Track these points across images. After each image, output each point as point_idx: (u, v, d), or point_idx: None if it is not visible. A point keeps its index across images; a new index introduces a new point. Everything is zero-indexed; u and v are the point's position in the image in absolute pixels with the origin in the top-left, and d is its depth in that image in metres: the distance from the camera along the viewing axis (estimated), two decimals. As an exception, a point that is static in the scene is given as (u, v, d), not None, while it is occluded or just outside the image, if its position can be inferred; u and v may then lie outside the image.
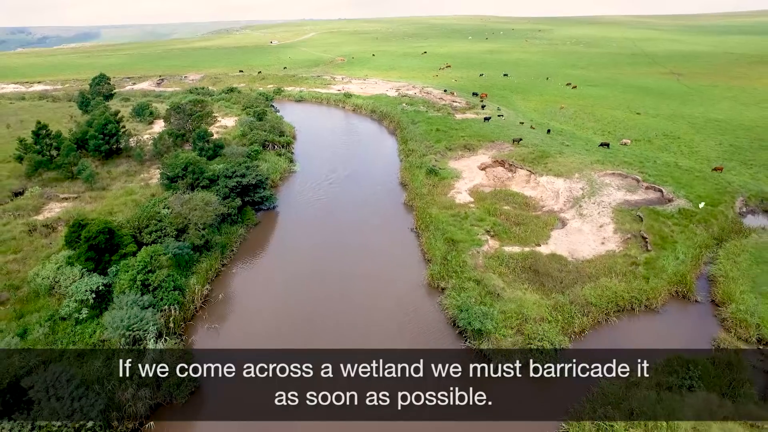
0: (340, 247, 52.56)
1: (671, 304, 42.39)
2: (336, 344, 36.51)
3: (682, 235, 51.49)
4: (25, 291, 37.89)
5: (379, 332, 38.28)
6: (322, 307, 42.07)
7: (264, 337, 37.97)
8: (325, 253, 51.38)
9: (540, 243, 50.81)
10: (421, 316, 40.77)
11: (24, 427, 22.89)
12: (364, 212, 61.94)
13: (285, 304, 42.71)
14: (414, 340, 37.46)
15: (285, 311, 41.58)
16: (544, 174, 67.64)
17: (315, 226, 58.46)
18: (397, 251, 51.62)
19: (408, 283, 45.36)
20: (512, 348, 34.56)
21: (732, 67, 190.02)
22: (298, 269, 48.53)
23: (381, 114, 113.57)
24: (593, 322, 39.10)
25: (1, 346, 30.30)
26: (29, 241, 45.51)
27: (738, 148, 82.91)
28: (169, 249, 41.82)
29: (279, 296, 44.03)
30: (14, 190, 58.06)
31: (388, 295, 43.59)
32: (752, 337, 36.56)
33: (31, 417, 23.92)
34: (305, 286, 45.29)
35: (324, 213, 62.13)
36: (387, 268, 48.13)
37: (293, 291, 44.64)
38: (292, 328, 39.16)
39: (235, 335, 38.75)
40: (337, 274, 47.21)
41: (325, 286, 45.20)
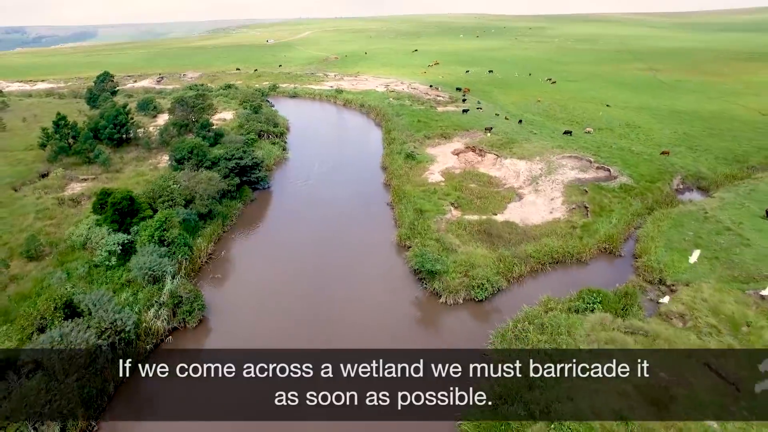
0: (324, 219, 60.78)
1: (599, 258, 50.97)
2: (318, 287, 45.09)
3: (619, 205, 60.03)
4: (63, 247, 46.13)
5: (356, 279, 46.70)
6: (308, 262, 50.35)
7: (258, 284, 46.47)
8: (311, 223, 59.62)
9: (497, 213, 59.26)
10: (390, 268, 49.16)
11: (81, 325, 31.01)
12: (347, 191, 70.17)
13: (276, 260, 51.06)
14: (385, 287, 45.83)
15: (276, 266, 49.92)
16: (509, 157, 76.08)
17: (303, 203, 66.68)
18: (374, 220, 60.04)
19: (381, 244, 53.76)
20: (458, 286, 43.00)
21: (709, 63, 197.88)
22: (288, 235, 56.88)
23: (369, 108, 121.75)
24: (530, 270, 47.66)
25: (54, 280, 38.56)
26: (60, 211, 53.76)
27: (690, 135, 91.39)
28: (180, 214, 50.01)
29: (271, 255, 52.41)
30: (41, 173, 66.20)
31: (365, 253, 52.07)
32: (655, 279, 45.08)
33: (86, 321, 32.10)
34: (294, 248, 53.62)
35: (312, 192, 70.36)
36: (365, 233, 56.54)
37: (283, 251, 52.99)
38: (283, 277, 47.46)
39: (233, 282, 47.18)
40: (322, 239, 55.45)
41: (311, 247, 53.47)
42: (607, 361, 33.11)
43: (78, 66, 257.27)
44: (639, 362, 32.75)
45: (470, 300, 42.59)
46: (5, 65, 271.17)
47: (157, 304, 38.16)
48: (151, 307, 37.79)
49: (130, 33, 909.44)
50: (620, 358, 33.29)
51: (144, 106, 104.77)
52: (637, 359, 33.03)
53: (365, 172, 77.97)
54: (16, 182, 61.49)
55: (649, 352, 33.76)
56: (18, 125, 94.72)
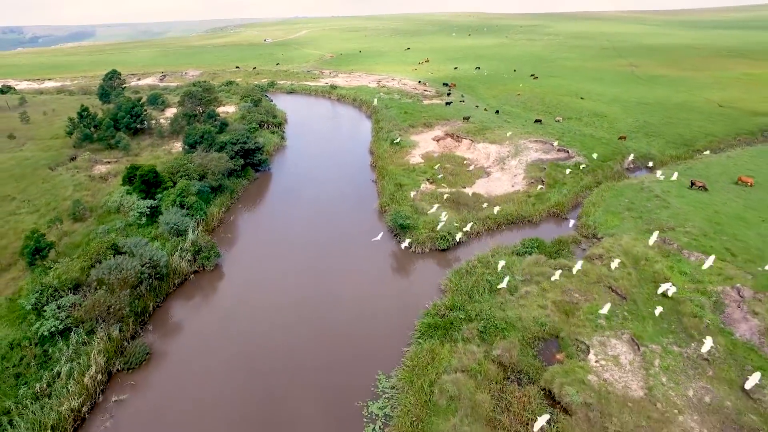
0: (317, 194, 70.25)
1: (548, 220, 60.70)
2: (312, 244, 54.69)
3: (571, 179, 69.74)
4: (100, 211, 55.65)
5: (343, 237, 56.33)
6: (303, 226, 59.90)
7: (262, 241, 56.09)
8: (306, 197, 69.15)
9: (466, 186, 68.95)
10: (372, 228, 58.70)
11: (128, 258, 40.58)
12: (338, 171, 79.76)
13: (277, 225, 60.70)
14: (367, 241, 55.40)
15: (277, 228, 59.54)
16: (482, 142, 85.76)
17: (299, 181, 76.12)
18: (360, 193, 69.67)
19: (365, 210, 63.48)
20: (425, 239, 52.68)
21: (689, 59, 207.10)
22: (286, 206, 66.45)
23: (361, 101, 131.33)
24: (488, 228, 57.37)
25: (99, 231, 48.09)
26: (93, 185, 63.29)
27: (649, 123, 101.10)
28: (195, 186, 59.53)
29: (272, 221, 62.05)
30: (70, 156, 75.55)
31: (351, 217, 61.74)
32: (590, 234, 54.79)
33: (130, 257, 41.66)
34: (291, 215, 63.21)
35: (307, 172, 79.88)
36: (351, 203, 66.20)
37: (282, 218, 62.61)
38: (282, 236, 57.05)
39: (242, 240, 56.78)
40: (315, 209, 64.94)
41: (305, 215, 63.02)
42: (534, 286, 43.05)
43: (82, 65, 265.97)
44: (559, 286, 42.69)
45: (435, 250, 52.32)
46: (12, 65, 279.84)
47: (181, 250, 47.71)
48: (176, 252, 47.33)
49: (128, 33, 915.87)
50: (543, 283, 43.24)
51: (153, 100, 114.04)
52: (557, 284, 42.96)
53: (355, 156, 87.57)
54: (51, 163, 70.88)
55: (567, 278, 43.58)
56: (40, 118, 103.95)
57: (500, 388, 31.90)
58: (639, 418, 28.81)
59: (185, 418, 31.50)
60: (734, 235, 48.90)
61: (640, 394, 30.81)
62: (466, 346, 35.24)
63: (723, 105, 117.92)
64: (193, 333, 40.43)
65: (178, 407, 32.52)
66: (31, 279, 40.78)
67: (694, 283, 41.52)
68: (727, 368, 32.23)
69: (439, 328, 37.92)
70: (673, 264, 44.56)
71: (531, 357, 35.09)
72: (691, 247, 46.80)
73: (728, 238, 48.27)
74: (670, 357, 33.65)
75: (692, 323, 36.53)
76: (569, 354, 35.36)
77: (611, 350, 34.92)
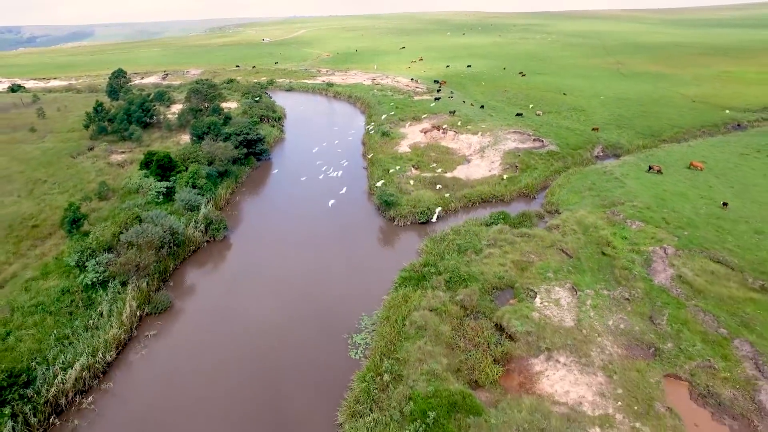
0: (314, 179, 77.66)
1: (518, 199, 68.30)
2: (309, 220, 62.19)
3: (542, 165, 77.34)
4: (122, 192, 63.10)
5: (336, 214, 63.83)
6: (301, 207, 67.34)
7: (264, 217, 63.63)
8: (303, 183, 76.54)
9: (447, 171, 76.52)
10: (361, 207, 66.30)
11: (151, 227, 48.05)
12: (333, 159, 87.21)
13: (277, 204, 68.21)
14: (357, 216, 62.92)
15: (277, 207, 67.06)
16: (465, 133, 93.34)
17: (297, 169, 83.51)
18: (352, 178, 77.15)
19: (356, 192, 71.02)
20: (407, 213, 60.27)
21: (674, 57, 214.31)
22: (285, 190, 73.93)
23: (355, 98, 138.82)
24: (464, 206, 64.96)
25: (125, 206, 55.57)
26: (112, 170, 70.70)
27: (623, 117, 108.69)
28: (205, 170, 66.98)
29: (273, 201, 69.57)
30: (88, 147, 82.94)
31: (343, 198, 69.19)
32: (552, 209, 62.38)
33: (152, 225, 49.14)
34: (289, 197, 70.68)
35: (304, 161, 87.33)
36: (345, 185, 73.62)
37: (281, 199, 70.09)
38: (282, 212, 64.56)
39: (246, 217, 64.25)
40: (311, 192, 72.36)
41: (302, 197, 70.48)
42: (497, 249, 50.64)
43: (84, 65, 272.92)
44: (518, 249, 50.30)
45: (416, 223, 59.92)
46: (16, 64, 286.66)
47: (195, 222, 55.24)
48: (190, 224, 54.85)
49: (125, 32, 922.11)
50: (505, 247, 50.83)
51: (160, 97, 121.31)
52: (517, 247, 50.57)
53: (348, 147, 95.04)
54: (72, 153, 78.29)
55: (525, 243, 51.17)
56: (54, 114, 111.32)
57: (459, 322, 39.47)
58: (566, 339, 36.41)
59: (202, 349, 38.95)
60: (673, 208, 56.53)
61: (571, 324, 38.41)
62: (434, 293, 42.81)
63: (696, 100, 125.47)
64: (206, 290, 47.86)
65: (196, 340, 40.01)
66: (70, 243, 48.19)
67: (631, 245, 49.11)
68: (642, 305, 39.84)
69: (413, 279, 45.49)
70: (616, 231, 52.18)
71: (488, 301, 42.65)
72: (634, 218, 54.42)
73: (668, 211, 55.88)
74: (600, 298, 41.26)
75: (623, 274, 44.16)
76: (520, 299, 42.94)
77: (554, 295, 42.51)
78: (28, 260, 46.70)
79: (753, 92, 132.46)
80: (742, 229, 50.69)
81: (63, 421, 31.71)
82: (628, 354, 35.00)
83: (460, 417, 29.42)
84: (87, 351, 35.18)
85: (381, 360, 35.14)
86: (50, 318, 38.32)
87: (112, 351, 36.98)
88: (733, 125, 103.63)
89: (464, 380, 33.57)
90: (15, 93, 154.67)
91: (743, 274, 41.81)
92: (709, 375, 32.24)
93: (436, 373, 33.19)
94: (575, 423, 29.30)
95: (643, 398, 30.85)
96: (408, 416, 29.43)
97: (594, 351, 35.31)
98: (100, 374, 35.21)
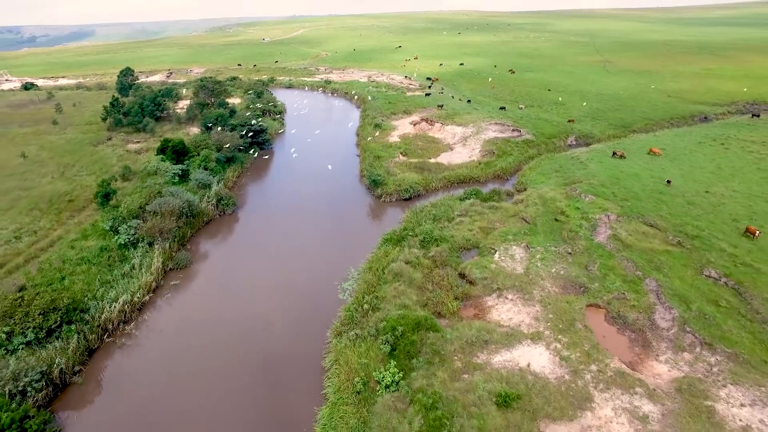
0: (311, 166, 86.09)
1: (493, 181, 76.73)
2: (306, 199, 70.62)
3: (517, 151, 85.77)
4: (141, 174, 71.54)
5: (331, 195, 72.28)
6: (299, 188, 75.81)
7: (266, 196, 72.12)
8: (302, 169, 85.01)
9: (431, 158, 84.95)
10: (354, 188, 74.73)
11: (172, 198, 56.45)
12: (329, 148, 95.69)
13: (277, 186, 76.69)
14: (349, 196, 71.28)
15: (277, 188, 75.54)
16: (450, 125, 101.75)
17: (296, 158, 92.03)
18: (346, 165, 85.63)
19: (349, 176, 79.49)
20: (393, 192, 68.71)
21: (660, 56, 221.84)
22: (285, 174, 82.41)
23: (351, 94, 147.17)
24: (443, 186, 73.42)
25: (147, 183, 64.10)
26: (131, 156, 79.16)
27: (599, 110, 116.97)
28: (215, 155, 75.40)
29: (274, 183, 78.07)
30: (106, 137, 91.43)
31: (337, 180, 77.70)
32: (521, 188, 70.73)
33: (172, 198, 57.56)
34: (289, 181, 79.16)
35: (303, 150, 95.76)
36: (339, 171, 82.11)
37: (282, 181, 78.58)
38: (283, 191, 73.03)
39: (251, 196, 72.75)
40: (309, 177, 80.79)
41: (301, 181, 78.96)
42: (467, 218, 59.05)
43: (90, 64, 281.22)
44: (486, 218, 58.70)
45: (400, 199, 68.40)
46: (23, 64, 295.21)
47: (207, 197, 63.74)
48: (203, 199, 63.34)
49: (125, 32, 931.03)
50: (475, 216, 59.25)
51: (168, 93, 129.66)
52: (485, 217, 58.98)
53: (343, 138, 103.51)
54: (93, 142, 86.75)
55: (492, 213, 59.58)
56: (71, 109, 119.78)
57: (429, 272, 47.91)
58: (515, 282, 44.84)
59: (218, 296, 47.44)
60: (624, 186, 64.92)
61: (521, 271, 46.84)
62: (410, 250, 51.22)
63: (671, 95, 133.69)
64: (218, 252, 56.31)
65: (211, 289, 48.48)
66: (104, 213, 56.67)
67: (582, 213, 57.50)
68: (581, 257, 48.27)
69: (393, 240, 53.91)
70: (571, 203, 60.60)
71: (455, 257, 51.07)
72: (588, 192, 62.84)
73: (619, 188, 64.27)
74: (547, 253, 49.68)
75: (570, 235, 52.60)
76: (483, 256, 51.35)
77: (511, 252, 50.92)
78: (68, 227, 55.16)
79: (726, 88, 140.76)
80: (678, 201, 59.09)
81: (111, 340, 40.26)
82: (563, 292, 43.44)
83: (422, 333, 37.84)
84: (127, 291, 43.68)
85: (363, 297, 43.61)
86: (94, 268, 46.83)
87: (145, 293, 45.46)
88: (700, 117, 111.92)
89: (429, 311, 41.99)
90: (28, 91, 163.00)
91: (666, 233, 50.26)
92: (621, 303, 40.70)
93: (406, 306, 41.64)
94: (512, 337, 37.73)
95: (567, 320, 39.27)
96: (381, 331, 37.88)
97: (536, 290, 43.74)
98: (137, 309, 43.75)
